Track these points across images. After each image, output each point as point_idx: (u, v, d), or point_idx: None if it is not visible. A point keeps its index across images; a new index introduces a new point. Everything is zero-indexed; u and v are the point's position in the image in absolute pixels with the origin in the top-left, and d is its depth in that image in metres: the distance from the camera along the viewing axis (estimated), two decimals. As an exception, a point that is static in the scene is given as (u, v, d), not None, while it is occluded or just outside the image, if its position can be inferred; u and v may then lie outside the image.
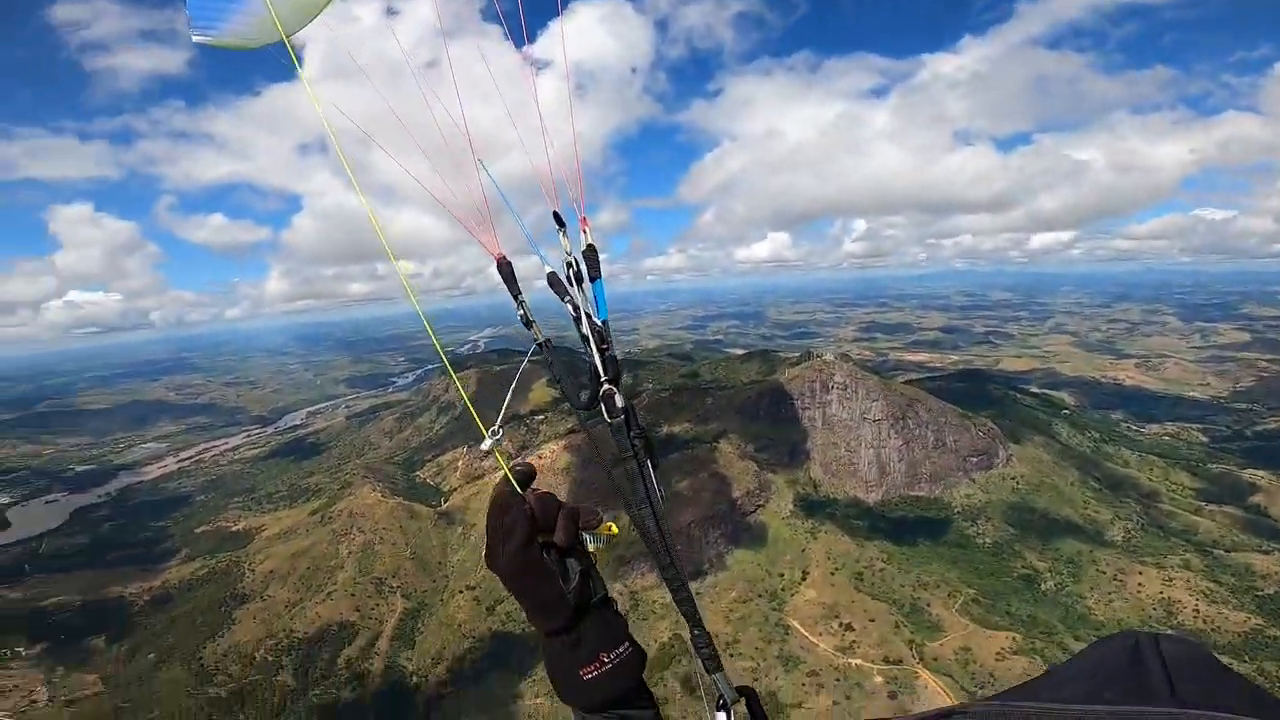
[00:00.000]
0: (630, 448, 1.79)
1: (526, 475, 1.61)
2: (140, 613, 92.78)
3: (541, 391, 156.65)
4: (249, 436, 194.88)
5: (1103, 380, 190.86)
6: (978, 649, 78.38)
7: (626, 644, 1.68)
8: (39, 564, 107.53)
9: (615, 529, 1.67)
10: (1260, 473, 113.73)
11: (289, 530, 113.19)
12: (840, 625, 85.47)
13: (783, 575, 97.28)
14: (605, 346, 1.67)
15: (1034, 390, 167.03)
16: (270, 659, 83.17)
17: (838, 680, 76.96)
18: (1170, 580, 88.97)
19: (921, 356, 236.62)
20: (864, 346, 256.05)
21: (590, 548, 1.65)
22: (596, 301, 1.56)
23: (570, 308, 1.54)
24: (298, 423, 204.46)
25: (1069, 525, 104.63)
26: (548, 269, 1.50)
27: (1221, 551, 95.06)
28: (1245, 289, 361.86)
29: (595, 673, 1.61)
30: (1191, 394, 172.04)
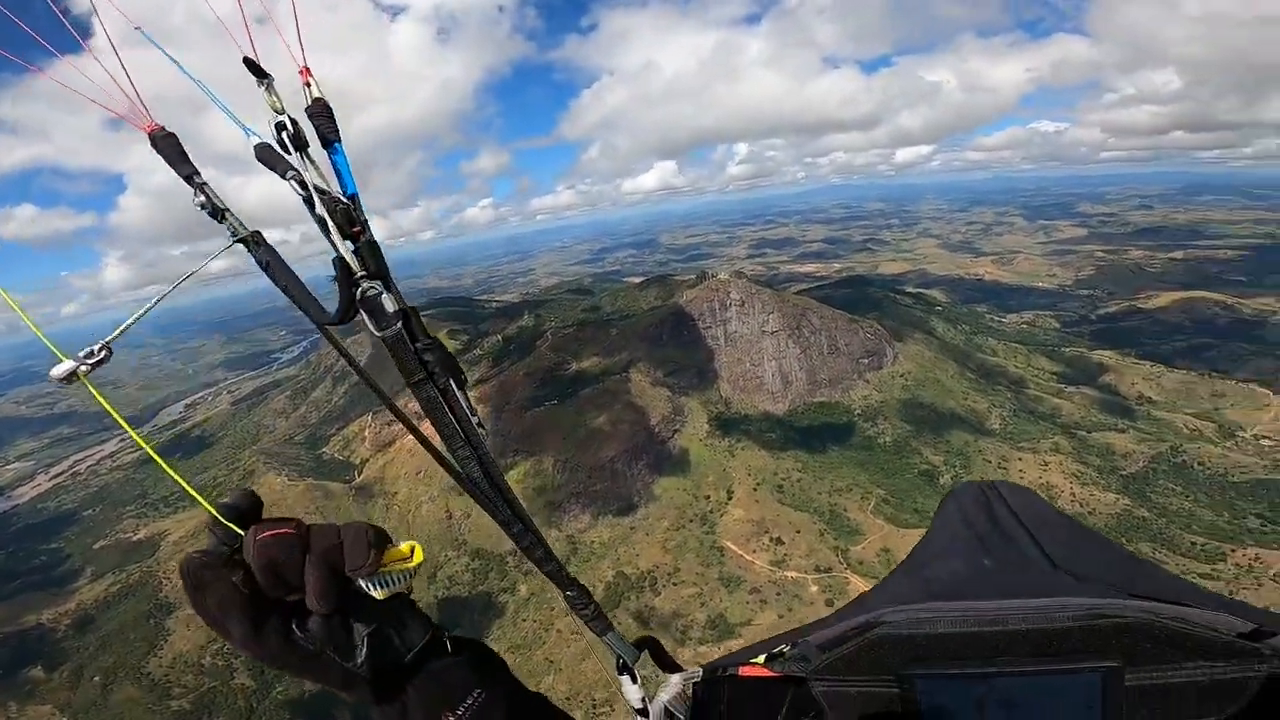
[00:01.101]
0: (421, 366, 1.18)
1: (242, 510, 1.00)
2: (65, 638, 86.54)
3: (443, 343, 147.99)
4: (124, 440, 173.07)
5: (966, 277, 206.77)
6: (895, 548, 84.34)
7: (478, 691, 1.19)
8: None
9: (419, 553, 1.08)
10: (1107, 353, 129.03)
11: (196, 530, 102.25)
12: (771, 540, 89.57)
13: (708, 497, 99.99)
14: (358, 230, 1.07)
15: (910, 290, 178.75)
16: (220, 663, 78.88)
17: (778, 595, 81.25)
18: (1046, 464, 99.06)
19: (809, 268, 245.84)
20: (755, 263, 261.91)
21: (379, 595, 1.04)
22: (339, 172, 1.09)
23: (294, 184, 1.01)
24: (176, 416, 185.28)
25: (954, 417, 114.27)
26: (253, 139, 1.03)
27: (1084, 433, 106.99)
28: (1079, 191, 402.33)
29: None
30: (1040, 284, 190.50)
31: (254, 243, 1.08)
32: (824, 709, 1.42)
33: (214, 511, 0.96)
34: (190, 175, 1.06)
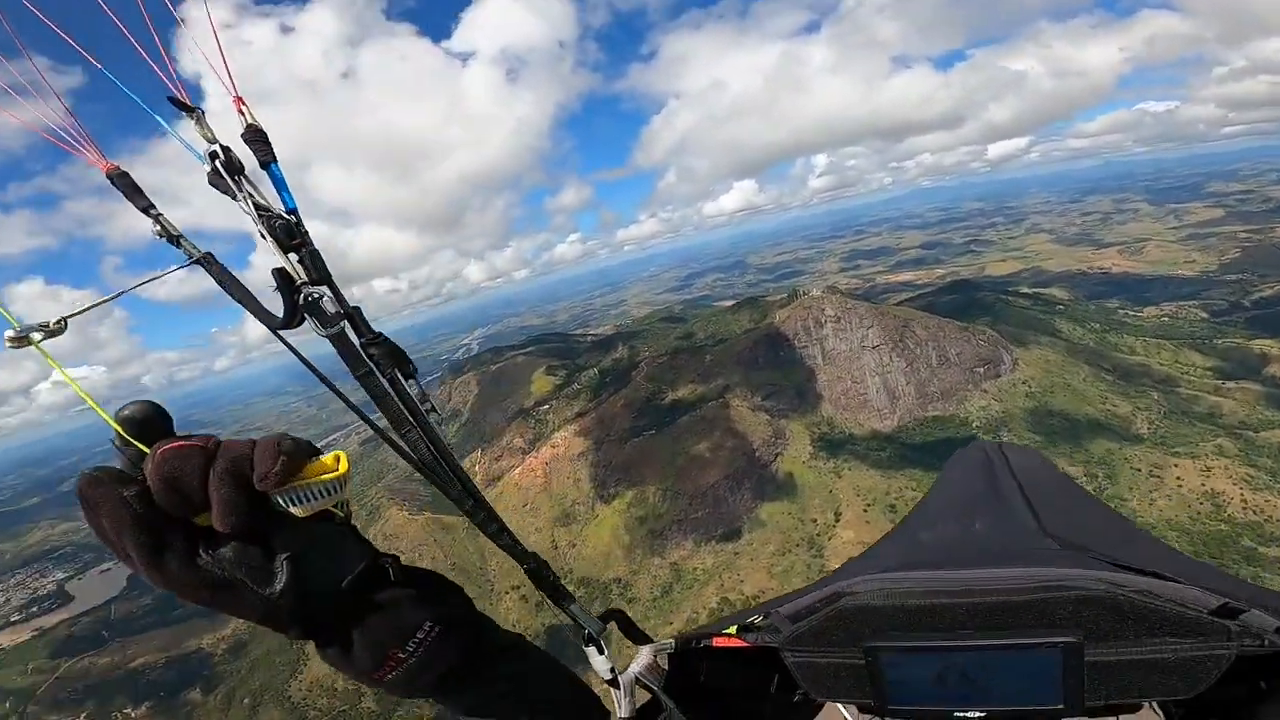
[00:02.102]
0: (365, 360, 1.20)
1: (143, 422, 0.87)
2: (221, 661, 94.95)
3: (543, 382, 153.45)
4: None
5: (1089, 271, 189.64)
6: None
7: (428, 625, 1.08)
8: (115, 629, 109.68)
9: (344, 463, 0.97)
10: (1269, 342, 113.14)
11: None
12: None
13: (815, 520, 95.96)
14: (297, 242, 1.10)
15: (1025, 291, 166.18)
16: (350, 687, 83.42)
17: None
18: (1208, 470, 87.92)
19: (907, 276, 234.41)
20: (850, 276, 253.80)
21: (300, 512, 0.92)
22: (277, 190, 1.14)
23: (243, 205, 1.09)
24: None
25: (1092, 424, 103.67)
26: (207, 168, 1.09)
27: (1251, 432, 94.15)
28: (1206, 170, 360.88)
29: (394, 672, 1.05)
30: (1180, 272, 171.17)
31: (207, 262, 1.12)
32: (796, 680, 1.42)
33: (115, 425, 0.87)
34: (146, 208, 1.14)
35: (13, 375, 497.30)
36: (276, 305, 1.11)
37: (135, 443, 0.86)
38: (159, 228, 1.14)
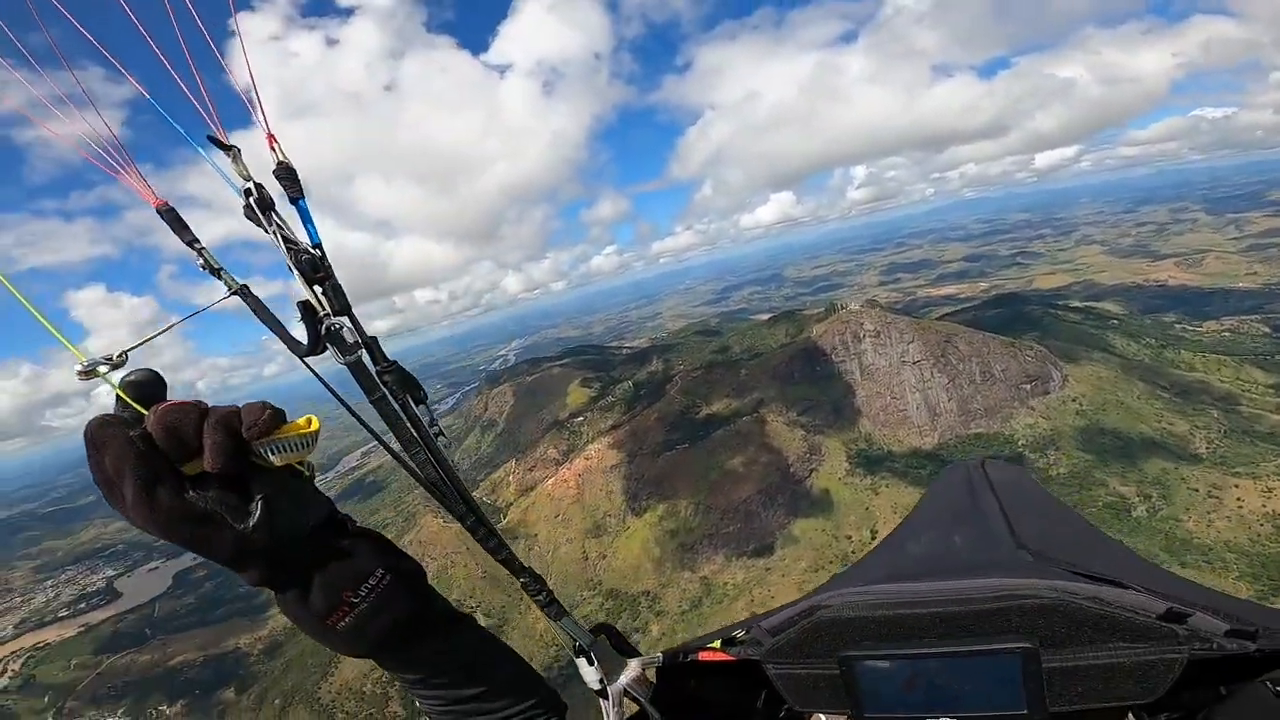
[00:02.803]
0: (379, 385, 1.33)
1: (143, 385, 1.01)
2: (256, 661, 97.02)
3: (578, 393, 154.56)
4: (323, 481, 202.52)
5: (1145, 284, 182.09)
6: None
7: (380, 572, 1.20)
8: (157, 627, 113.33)
9: (315, 423, 1.12)
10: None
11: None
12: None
13: (850, 538, 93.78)
14: (321, 275, 1.20)
15: (1076, 305, 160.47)
16: (378, 691, 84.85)
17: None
18: (1270, 491, 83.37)
19: (950, 289, 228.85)
20: (889, 289, 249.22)
21: (276, 461, 1.07)
22: (305, 225, 1.23)
23: (276, 237, 1.17)
24: (354, 464, 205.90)
25: (1147, 442, 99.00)
26: (244, 202, 1.18)
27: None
28: (1266, 178, 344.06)
29: (347, 618, 1.16)
30: (1241, 285, 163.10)
31: (244, 294, 1.22)
32: (778, 691, 1.47)
33: (119, 390, 1.00)
34: (191, 241, 1.22)
35: (73, 378, 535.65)
36: (302, 333, 1.22)
37: (135, 404, 0.99)
38: (202, 260, 1.23)
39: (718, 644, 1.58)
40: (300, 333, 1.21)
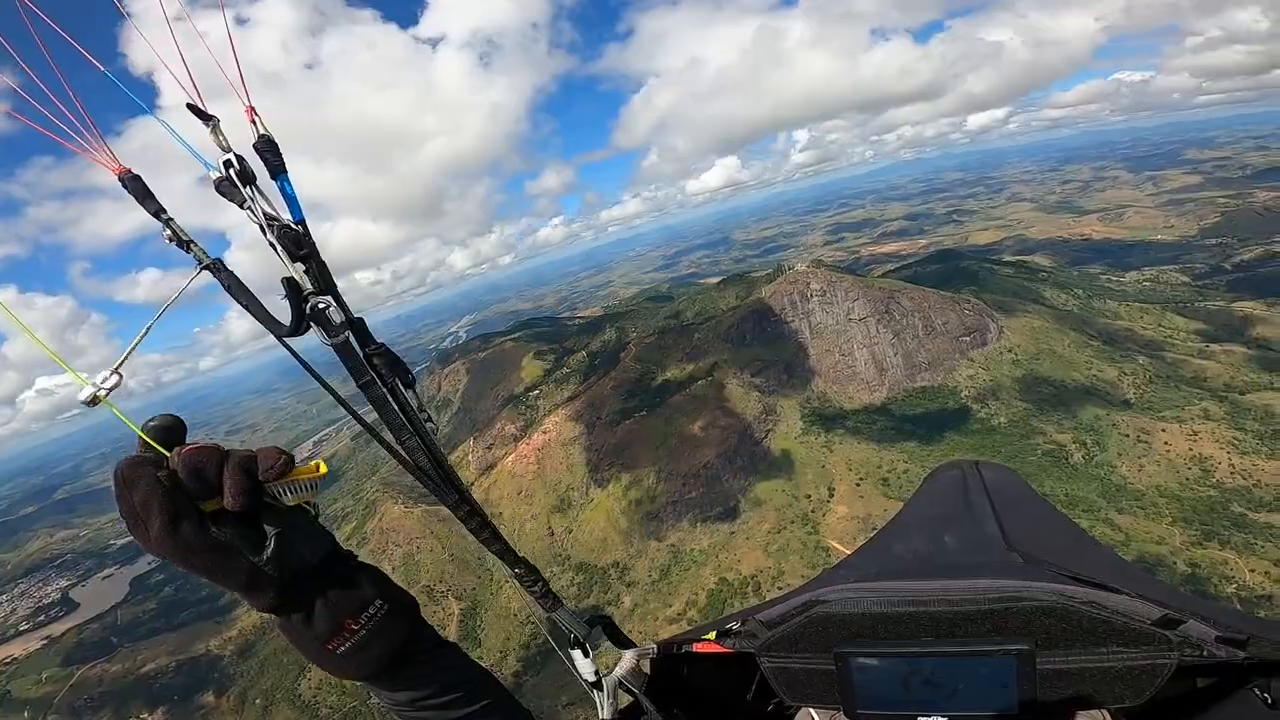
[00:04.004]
0: (368, 369, 1.33)
1: (167, 429, 1.12)
2: (231, 663, 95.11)
3: (533, 366, 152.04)
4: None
5: (1071, 238, 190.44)
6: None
7: (378, 602, 1.31)
8: (122, 635, 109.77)
9: (323, 468, 1.24)
10: (1251, 304, 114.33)
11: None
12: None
13: (809, 496, 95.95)
14: (305, 252, 1.18)
15: (1008, 259, 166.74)
16: (358, 685, 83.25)
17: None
18: (1195, 434, 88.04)
19: (892, 247, 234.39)
20: (835, 249, 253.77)
21: (289, 501, 1.19)
22: (286, 201, 1.18)
23: (250, 214, 1.14)
24: (307, 454, 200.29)
25: (1080, 390, 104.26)
26: (213, 174, 1.12)
27: (1237, 394, 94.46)
28: (1183, 138, 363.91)
29: (346, 644, 1.26)
30: (1160, 237, 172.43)
31: (216, 268, 1.17)
32: (771, 684, 1.49)
33: (143, 434, 1.07)
34: (157, 211, 1.16)
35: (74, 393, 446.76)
36: (281, 313, 1.18)
37: (158, 447, 1.07)
38: (169, 232, 1.18)
39: (712, 635, 1.61)
40: (281, 314, 1.18)
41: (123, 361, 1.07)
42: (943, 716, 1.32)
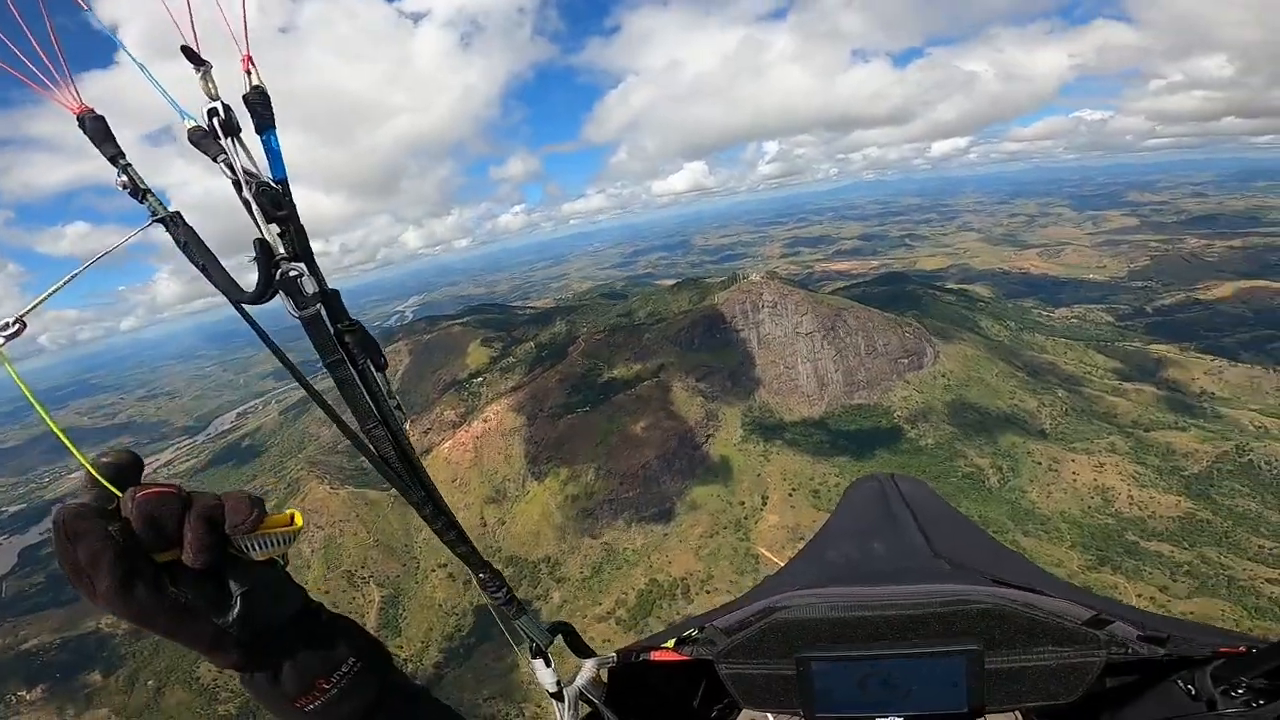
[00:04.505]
0: (337, 347, 1.19)
1: (122, 466, 0.99)
2: (122, 642, 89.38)
3: (478, 353, 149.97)
4: (179, 449, 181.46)
5: (1010, 271, 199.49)
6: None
7: (352, 660, 1.19)
8: (5, 608, 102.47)
9: (299, 519, 1.10)
10: (1166, 347, 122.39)
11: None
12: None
13: (743, 503, 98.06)
14: (283, 214, 1.10)
15: (951, 286, 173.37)
16: None
17: (812, 603, 78.69)
18: (1101, 466, 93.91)
19: (845, 265, 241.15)
20: (790, 262, 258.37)
21: (258, 557, 1.05)
22: (269, 157, 1.11)
23: (224, 167, 1.05)
24: (228, 426, 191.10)
25: (1002, 417, 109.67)
26: (188, 124, 1.05)
27: (1143, 431, 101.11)
28: (1128, 180, 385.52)
29: (317, 702, 1.15)
30: (1091, 277, 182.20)
31: (173, 222, 1.09)
32: (729, 690, 1.50)
33: (92, 469, 0.96)
34: (114, 156, 1.07)
35: None
36: (242, 278, 1.08)
37: (108, 485, 0.94)
38: (125, 178, 1.08)
39: (671, 643, 1.61)
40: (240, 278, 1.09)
41: (32, 309, 0.95)
42: (898, 716, 1.38)
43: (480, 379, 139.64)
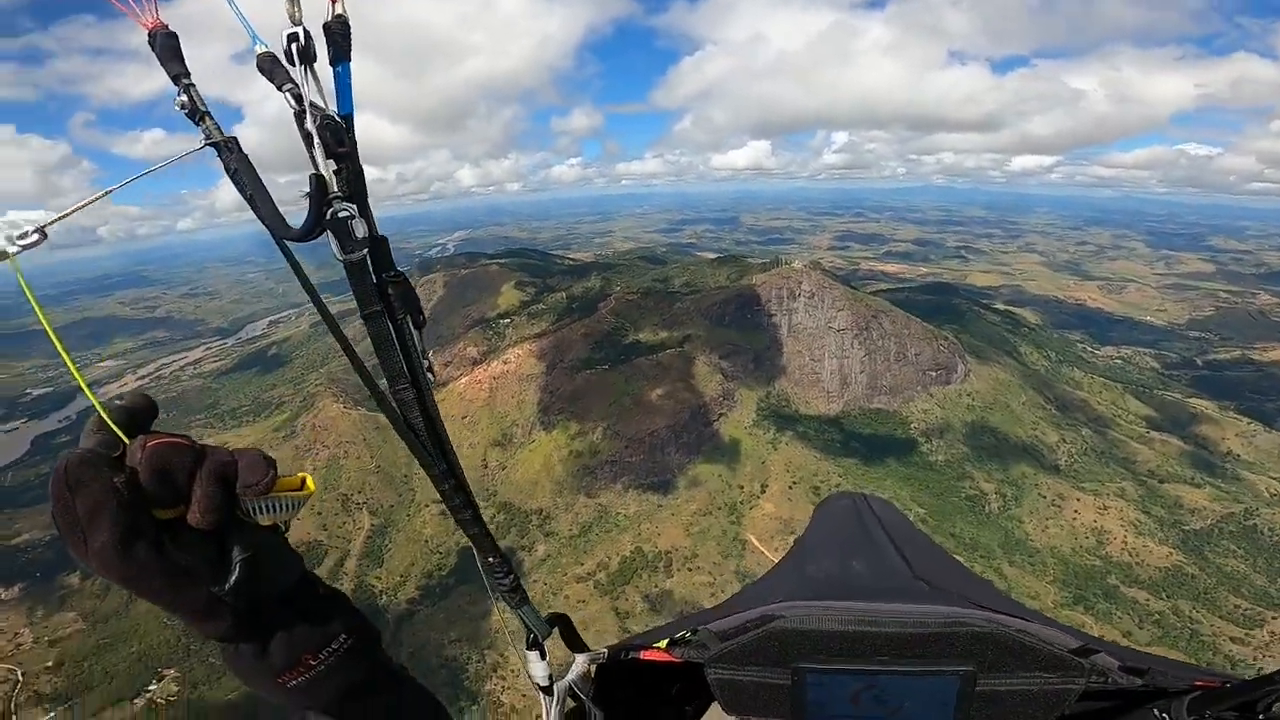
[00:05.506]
0: (378, 297, 1.14)
1: (134, 411, 0.94)
2: None
3: (510, 295, 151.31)
4: (209, 349, 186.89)
5: (1065, 300, 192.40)
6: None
7: (343, 636, 1.14)
8: (5, 498, 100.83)
9: (311, 483, 1.04)
10: (1205, 402, 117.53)
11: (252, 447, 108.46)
12: (794, 541, 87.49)
13: (742, 488, 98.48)
14: (344, 150, 1.02)
15: (998, 307, 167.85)
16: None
17: (789, 599, 79.33)
18: (1105, 509, 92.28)
19: (893, 268, 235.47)
20: (837, 255, 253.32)
21: (264, 521, 1.00)
22: (339, 91, 1.04)
23: (290, 97, 0.99)
24: (259, 333, 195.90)
25: (1019, 446, 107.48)
26: (259, 48, 1.01)
27: (1156, 482, 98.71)
28: (1216, 222, 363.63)
29: (301, 678, 1.09)
30: (1147, 318, 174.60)
31: (226, 148, 1.05)
32: (715, 695, 1.48)
33: (104, 412, 0.89)
34: (178, 75, 1.04)
35: None
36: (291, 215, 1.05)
37: (116, 429, 0.88)
38: (185, 98, 1.04)
39: (663, 644, 1.59)
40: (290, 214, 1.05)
41: (56, 221, 0.90)
42: None
43: (508, 320, 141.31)
